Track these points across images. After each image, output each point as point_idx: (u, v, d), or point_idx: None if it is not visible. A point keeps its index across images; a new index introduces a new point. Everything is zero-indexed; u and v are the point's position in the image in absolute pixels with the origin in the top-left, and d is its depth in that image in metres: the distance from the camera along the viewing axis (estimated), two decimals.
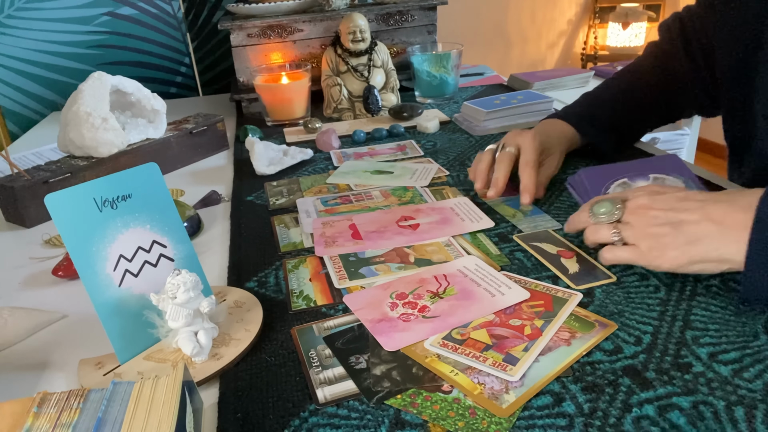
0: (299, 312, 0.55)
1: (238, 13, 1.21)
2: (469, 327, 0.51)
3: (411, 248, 0.65)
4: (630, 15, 2.65)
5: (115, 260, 0.49)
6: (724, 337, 0.47)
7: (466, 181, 0.83)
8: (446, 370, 0.46)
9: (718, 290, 0.54)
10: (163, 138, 0.96)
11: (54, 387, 0.48)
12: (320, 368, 0.47)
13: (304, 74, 1.13)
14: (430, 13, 1.28)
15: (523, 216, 0.71)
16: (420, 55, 1.19)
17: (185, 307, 0.48)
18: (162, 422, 0.36)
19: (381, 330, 0.51)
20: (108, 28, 1.46)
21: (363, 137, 1.03)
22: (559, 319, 0.51)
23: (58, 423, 0.37)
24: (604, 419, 0.40)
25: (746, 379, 0.43)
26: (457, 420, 0.41)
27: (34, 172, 0.82)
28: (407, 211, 0.73)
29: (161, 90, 1.54)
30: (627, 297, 0.54)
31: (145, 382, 0.40)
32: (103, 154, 0.87)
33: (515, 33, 2.74)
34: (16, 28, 1.41)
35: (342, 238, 0.67)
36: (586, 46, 2.74)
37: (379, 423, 0.42)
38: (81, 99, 0.86)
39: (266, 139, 1.04)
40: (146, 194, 0.52)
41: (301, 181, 0.87)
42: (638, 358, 0.46)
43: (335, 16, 1.21)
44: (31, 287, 0.66)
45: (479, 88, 1.36)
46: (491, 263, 0.60)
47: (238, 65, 1.22)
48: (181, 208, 0.73)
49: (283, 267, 0.63)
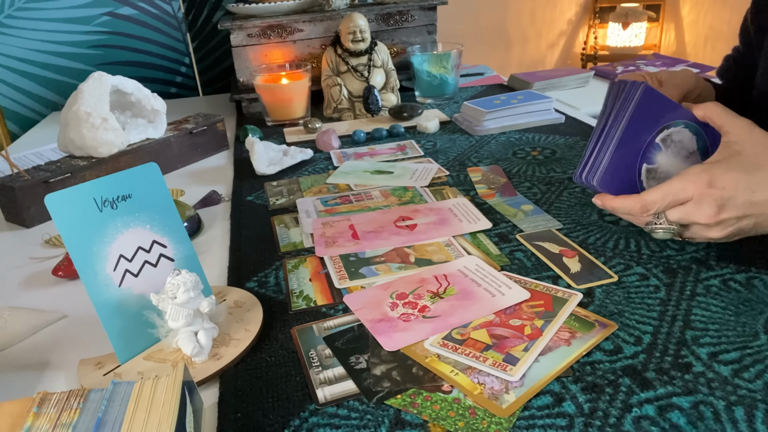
0: (299, 312, 0.55)
1: (238, 13, 1.21)
2: (469, 327, 0.51)
3: (411, 248, 0.65)
4: (630, 15, 2.65)
5: (115, 260, 0.49)
6: (724, 337, 0.47)
7: (466, 181, 0.83)
8: (446, 370, 0.46)
9: (718, 290, 0.54)
10: (163, 138, 0.96)
11: (54, 387, 0.48)
12: (320, 368, 0.47)
13: (304, 74, 1.13)
14: (430, 13, 1.28)
15: (524, 215, 0.71)
16: (420, 55, 1.19)
17: (185, 307, 0.48)
18: (162, 422, 0.36)
19: (381, 330, 0.51)
20: (108, 28, 1.46)
21: (363, 137, 1.03)
22: (559, 319, 0.51)
23: (58, 423, 0.37)
24: (604, 419, 0.40)
25: (746, 379, 0.43)
26: (457, 420, 0.41)
27: (34, 172, 0.82)
28: (405, 211, 0.73)
29: (161, 90, 1.54)
30: (627, 297, 0.54)
31: (145, 382, 0.40)
32: (103, 154, 0.87)
33: (515, 33, 2.73)
34: (16, 28, 1.41)
35: (342, 238, 0.67)
36: (586, 46, 2.74)
37: (379, 423, 0.42)
38: (81, 99, 0.86)
39: (266, 139, 1.04)
40: (146, 194, 0.52)
41: (301, 181, 0.87)
42: (638, 358, 0.46)
43: (335, 16, 1.21)
44: (31, 287, 0.65)
45: (479, 88, 1.36)
46: (491, 263, 0.60)
47: (238, 65, 1.22)
48: (181, 208, 0.73)
49: (283, 267, 0.63)
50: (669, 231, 0.54)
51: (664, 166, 0.58)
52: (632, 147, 0.56)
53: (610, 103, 0.58)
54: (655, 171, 0.57)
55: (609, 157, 0.56)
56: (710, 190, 0.51)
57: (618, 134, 0.56)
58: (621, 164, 0.56)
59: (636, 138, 0.56)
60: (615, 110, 0.57)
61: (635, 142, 0.56)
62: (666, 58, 1.70)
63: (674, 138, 0.57)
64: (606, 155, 0.56)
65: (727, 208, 0.51)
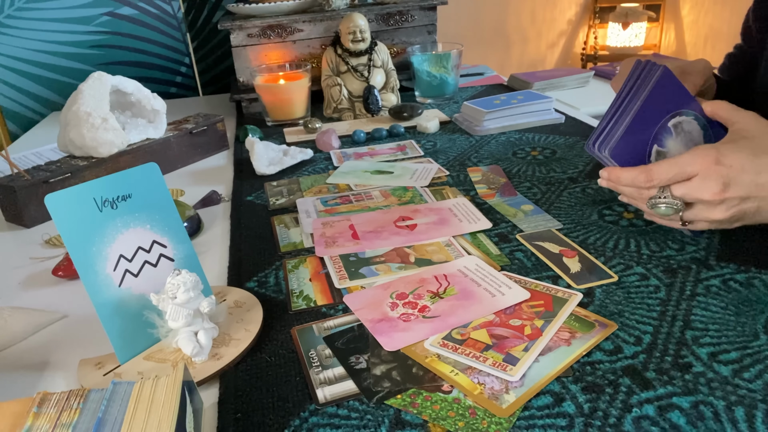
0: (299, 312, 0.55)
1: (238, 13, 1.21)
2: (469, 327, 0.51)
3: (411, 248, 0.65)
4: (630, 15, 2.65)
5: (115, 260, 0.49)
6: (724, 337, 0.47)
7: (466, 181, 0.83)
8: (446, 370, 0.46)
9: (718, 290, 0.54)
10: (163, 138, 0.96)
11: (54, 387, 0.48)
12: (320, 368, 0.47)
13: (304, 74, 1.13)
14: (430, 13, 1.28)
15: (524, 215, 0.71)
16: (420, 55, 1.19)
17: (185, 307, 0.48)
18: (162, 422, 0.36)
19: (381, 330, 0.51)
20: (108, 28, 1.46)
21: (363, 137, 1.03)
22: (559, 319, 0.51)
23: (58, 423, 0.37)
24: (604, 419, 0.40)
25: (746, 379, 0.43)
26: (457, 420, 0.41)
27: (34, 172, 0.82)
28: (405, 211, 0.73)
29: (161, 90, 1.54)
30: (627, 297, 0.54)
31: (145, 382, 0.40)
32: (103, 154, 0.87)
33: (515, 33, 2.73)
34: (16, 28, 1.41)
35: (342, 239, 0.67)
36: (586, 46, 2.74)
37: (379, 423, 0.42)
38: (81, 99, 0.86)
39: (266, 139, 1.04)
40: (146, 194, 0.52)
41: (301, 181, 0.87)
42: (638, 358, 0.46)
43: (335, 16, 1.21)
44: (31, 287, 0.65)
45: (479, 88, 1.36)
46: (491, 263, 0.60)
47: (238, 65, 1.22)
48: (181, 208, 0.73)
49: (283, 267, 0.63)
50: (672, 206, 0.54)
51: (672, 152, 0.58)
52: (647, 125, 0.57)
53: (631, 80, 0.59)
54: (664, 155, 0.58)
55: (623, 130, 0.56)
56: (717, 167, 0.51)
57: (635, 109, 0.56)
58: (634, 139, 0.57)
59: (651, 116, 0.57)
60: (634, 87, 0.58)
61: (650, 120, 0.57)
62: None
63: (684, 127, 0.58)
64: (621, 128, 0.57)
65: (731, 187, 0.51)
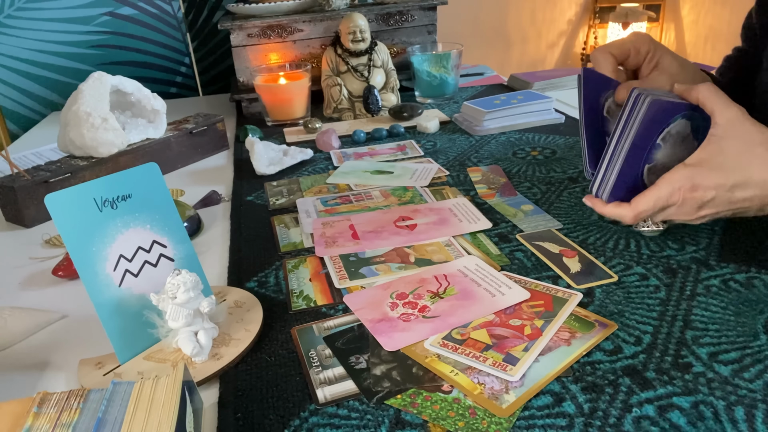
0: (299, 312, 0.55)
1: (238, 13, 1.21)
2: (469, 327, 0.51)
3: (411, 248, 0.65)
4: (630, 15, 2.65)
5: (115, 260, 0.49)
6: (724, 337, 0.47)
7: (466, 181, 0.83)
8: (446, 370, 0.46)
9: (718, 290, 0.54)
10: (163, 138, 0.96)
11: (54, 387, 0.48)
12: (320, 368, 0.47)
13: (304, 74, 1.13)
14: (430, 13, 1.28)
15: (524, 215, 0.71)
16: (420, 55, 1.19)
17: (185, 307, 0.48)
18: (162, 422, 0.36)
19: (381, 330, 0.51)
20: (108, 28, 1.46)
21: (363, 137, 1.03)
22: (559, 319, 0.51)
23: (58, 423, 0.37)
24: (604, 419, 0.40)
25: (746, 379, 0.43)
26: (457, 420, 0.41)
27: (34, 172, 0.82)
28: (405, 211, 0.73)
29: (161, 90, 1.54)
30: (627, 297, 0.54)
31: (145, 382, 0.40)
32: (103, 154, 0.87)
33: (515, 33, 2.74)
34: (16, 28, 1.41)
35: (342, 239, 0.67)
36: (586, 46, 2.74)
37: (379, 423, 0.42)
38: (81, 99, 0.86)
39: (266, 139, 1.04)
40: (146, 194, 0.52)
41: (301, 181, 0.87)
42: (638, 358, 0.46)
43: (335, 16, 1.21)
44: (31, 287, 0.65)
45: (479, 88, 1.36)
46: (491, 263, 0.60)
47: (238, 65, 1.22)
48: (181, 208, 0.73)
49: (283, 267, 0.63)
50: (655, 231, 0.62)
51: (661, 161, 0.59)
52: (637, 157, 0.58)
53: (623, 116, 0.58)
54: (654, 167, 0.58)
55: (616, 175, 0.58)
56: (693, 194, 0.54)
57: (624, 152, 0.58)
58: (628, 175, 0.58)
59: (641, 148, 0.58)
60: (621, 125, 0.58)
61: (640, 151, 0.58)
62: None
63: (672, 132, 0.59)
64: (614, 173, 0.58)
65: (706, 207, 0.55)
